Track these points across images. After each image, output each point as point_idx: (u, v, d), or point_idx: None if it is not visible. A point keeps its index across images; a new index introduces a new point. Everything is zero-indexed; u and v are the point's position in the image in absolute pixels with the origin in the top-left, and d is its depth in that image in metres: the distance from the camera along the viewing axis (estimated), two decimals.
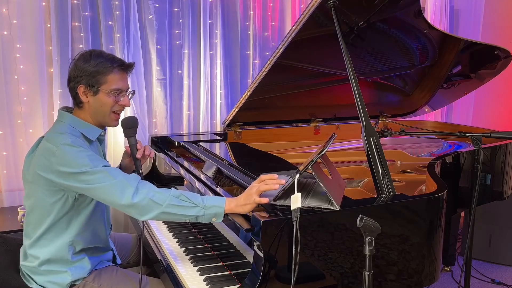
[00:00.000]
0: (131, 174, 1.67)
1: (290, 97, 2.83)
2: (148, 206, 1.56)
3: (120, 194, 1.57)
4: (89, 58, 1.69)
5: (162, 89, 2.99)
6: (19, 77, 2.58)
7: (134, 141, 1.85)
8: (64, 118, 1.75)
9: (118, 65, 1.72)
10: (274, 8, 3.28)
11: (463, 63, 2.94)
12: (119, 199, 1.57)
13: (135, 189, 1.57)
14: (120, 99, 1.74)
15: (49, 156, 1.61)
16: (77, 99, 1.73)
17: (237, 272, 1.58)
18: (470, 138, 2.12)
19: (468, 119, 4.23)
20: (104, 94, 1.70)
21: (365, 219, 1.25)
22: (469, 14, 4.10)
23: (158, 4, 2.91)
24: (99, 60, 1.69)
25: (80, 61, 1.70)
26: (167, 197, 1.56)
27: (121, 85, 1.73)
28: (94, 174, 1.59)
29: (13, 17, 2.52)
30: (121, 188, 1.57)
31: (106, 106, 1.72)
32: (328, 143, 1.53)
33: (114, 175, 1.60)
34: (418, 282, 1.61)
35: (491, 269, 3.28)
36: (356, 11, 2.25)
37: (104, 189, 1.59)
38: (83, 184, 1.60)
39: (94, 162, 1.60)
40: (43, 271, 1.73)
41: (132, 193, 1.56)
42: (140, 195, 1.56)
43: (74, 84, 1.70)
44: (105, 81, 1.69)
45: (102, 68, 1.68)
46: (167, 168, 2.56)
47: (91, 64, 1.68)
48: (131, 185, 1.58)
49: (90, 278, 1.76)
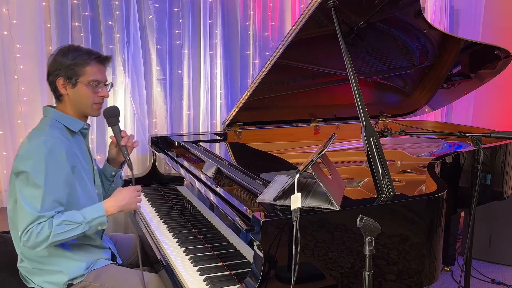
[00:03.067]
0: (49, 215, 1.64)
1: (290, 97, 2.83)
2: (35, 244, 1.62)
3: (21, 224, 1.62)
4: (67, 52, 1.76)
5: (162, 89, 2.99)
6: (19, 77, 2.58)
7: (118, 129, 1.90)
8: (48, 112, 1.81)
9: (95, 57, 1.79)
10: (274, 8, 3.28)
11: (463, 63, 2.94)
12: (20, 228, 1.63)
13: (24, 229, 1.61)
14: (99, 90, 1.80)
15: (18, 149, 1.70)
16: (57, 92, 1.79)
17: (237, 272, 1.58)
18: (470, 138, 2.12)
19: (468, 119, 4.23)
20: (83, 86, 1.76)
21: (365, 219, 1.25)
22: (469, 14, 4.10)
23: (158, 4, 2.91)
24: (77, 53, 1.76)
25: (59, 55, 1.77)
26: (50, 231, 1.61)
27: (99, 76, 1.79)
28: (28, 184, 1.63)
29: (13, 17, 2.52)
30: (25, 220, 1.62)
31: (85, 97, 1.78)
32: (328, 143, 1.53)
33: (43, 204, 1.62)
34: (418, 282, 1.61)
35: (491, 269, 3.28)
36: (356, 11, 2.25)
37: (20, 207, 1.64)
38: (17, 185, 1.66)
39: (44, 178, 1.63)
40: (38, 271, 1.74)
41: (33, 227, 1.61)
42: (26, 236, 1.61)
43: (53, 77, 1.77)
44: (83, 72, 1.75)
45: (79, 61, 1.75)
46: (167, 168, 2.57)
47: (69, 58, 1.75)
48: (37, 222, 1.61)
49: (90, 278, 1.76)
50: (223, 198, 1.72)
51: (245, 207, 1.55)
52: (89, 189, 1.84)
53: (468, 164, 2.34)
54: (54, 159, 1.65)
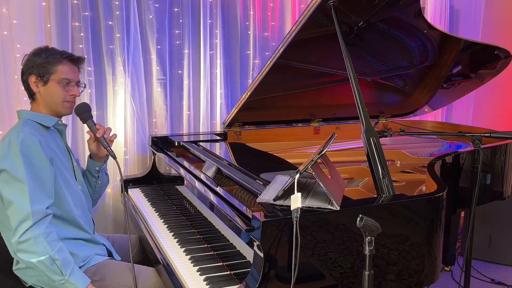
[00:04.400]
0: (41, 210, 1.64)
1: (290, 97, 2.83)
2: (27, 248, 1.60)
3: (13, 221, 1.62)
4: (40, 52, 1.83)
5: (162, 89, 2.99)
6: (19, 77, 2.56)
7: (92, 123, 1.95)
8: (20, 114, 1.85)
9: (67, 57, 1.84)
10: (274, 8, 3.28)
11: (463, 63, 2.94)
12: (13, 225, 1.62)
13: (17, 226, 1.60)
14: (70, 89, 1.83)
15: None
16: (30, 90, 1.84)
17: (237, 272, 1.58)
18: (470, 138, 2.12)
19: (468, 119, 4.23)
20: (54, 83, 1.80)
21: (365, 219, 1.25)
22: (469, 14, 4.10)
23: (158, 4, 2.91)
24: (50, 53, 1.83)
25: (32, 55, 1.83)
26: (46, 254, 1.60)
27: (71, 76, 1.84)
28: (11, 181, 1.63)
29: (13, 17, 2.52)
30: (17, 216, 1.61)
31: (56, 95, 1.81)
32: (328, 143, 1.53)
33: (31, 198, 1.62)
34: (418, 282, 1.61)
35: (491, 269, 3.28)
36: (356, 11, 2.25)
37: (9, 205, 1.63)
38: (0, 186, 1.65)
39: (25, 171, 1.63)
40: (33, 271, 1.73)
41: (28, 227, 1.60)
42: (23, 237, 1.60)
43: (26, 76, 1.82)
44: (54, 70, 1.80)
45: (51, 59, 1.80)
46: (167, 168, 2.57)
47: (41, 57, 1.81)
48: (31, 219, 1.60)
49: (89, 274, 1.78)
50: (223, 198, 1.72)
51: (245, 207, 1.55)
52: (71, 184, 1.86)
53: (468, 164, 2.34)
54: (28, 151, 1.66)
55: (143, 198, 2.45)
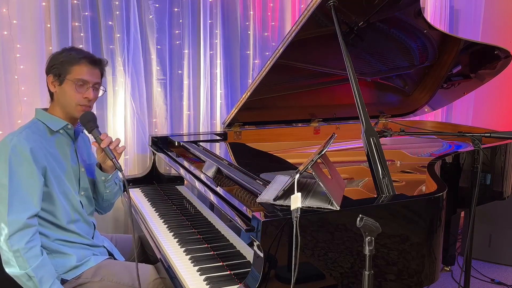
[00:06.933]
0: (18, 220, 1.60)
1: (290, 97, 2.83)
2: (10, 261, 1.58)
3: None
4: (63, 50, 1.80)
5: (162, 89, 2.99)
6: (19, 77, 2.58)
7: (97, 133, 1.85)
8: (36, 114, 1.82)
9: (84, 57, 1.79)
10: (274, 8, 3.28)
11: (463, 63, 2.94)
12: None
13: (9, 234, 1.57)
14: (83, 91, 1.78)
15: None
16: (49, 90, 1.81)
17: (237, 272, 1.58)
18: (470, 138, 2.12)
19: (468, 119, 4.23)
20: (68, 84, 1.76)
21: (365, 219, 1.25)
22: (469, 14, 4.10)
23: (158, 4, 2.91)
24: (70, 52, 1.79)
25: (56, 53, 1.81)
26: (22, 271, 1.57)
27: (87, 77, 1.78)
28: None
29: (13, 17, 2.52)
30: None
31: (70, 96, 1.77)
32: (328, 143, 1.53)
33: (10, 207, 1.58)
34: (418, 282, 1.61)
35: (491, 269, 3.28)
36: (356, 11, 2.25)
37: None
38: None
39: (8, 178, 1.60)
40: None
41: (6, 237, 1.57)
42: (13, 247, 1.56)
43: (46, 75, 1.80)
44: (71, 71, 1.76)
45: (70, 59, 1.77)
46: (167, 168, 2.57)
47: (62, 55, 1.78)
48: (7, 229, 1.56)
49: (88, 275, 1.77)
50: (223, 198, 1.72)
51: (245, 207, 1.55)
52: (71, 191, 1.82)
53: (468, 164, 2.34)
54: (17, 157, 1.64)
55: (143, 198, 2.45)
